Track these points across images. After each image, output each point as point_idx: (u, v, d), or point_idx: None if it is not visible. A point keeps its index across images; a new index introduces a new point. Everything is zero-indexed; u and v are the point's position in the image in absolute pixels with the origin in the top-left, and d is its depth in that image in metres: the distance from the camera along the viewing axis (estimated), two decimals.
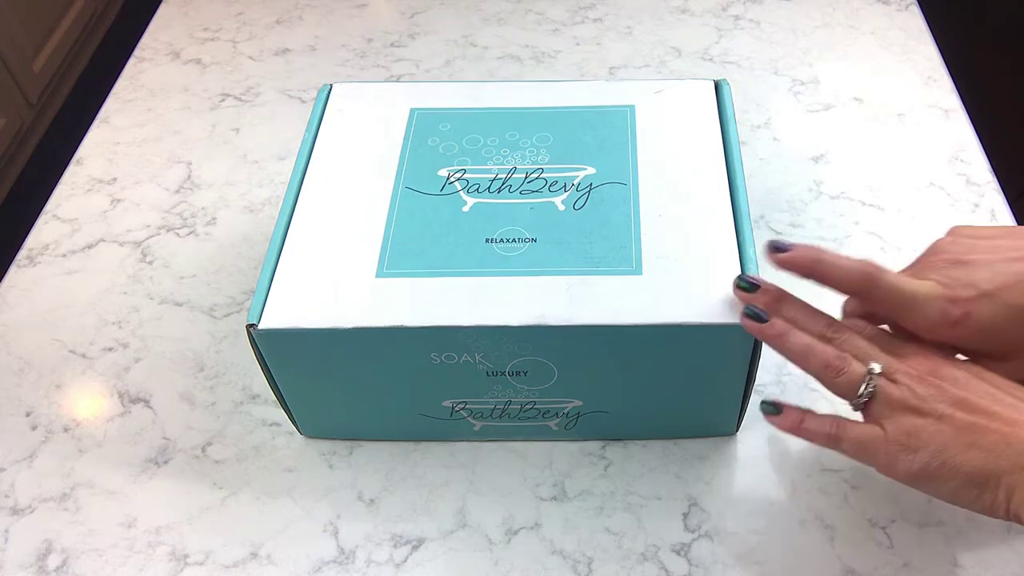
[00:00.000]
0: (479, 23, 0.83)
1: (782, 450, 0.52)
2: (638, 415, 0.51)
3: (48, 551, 0.50)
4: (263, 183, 0.70)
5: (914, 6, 0.82)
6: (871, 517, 0.49)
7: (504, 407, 0.50)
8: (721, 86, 0.55)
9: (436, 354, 0.46)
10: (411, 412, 0.51)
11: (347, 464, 0.53)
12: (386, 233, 0.49)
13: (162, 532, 0.51)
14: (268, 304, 0.46)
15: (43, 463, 0.54)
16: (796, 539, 0.49)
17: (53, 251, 0.66)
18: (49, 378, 0.58)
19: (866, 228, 0.63)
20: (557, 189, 0.50)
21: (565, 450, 0.53)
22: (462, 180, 0.51)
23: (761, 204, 0.65)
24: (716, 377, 0.48)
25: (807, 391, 0.55)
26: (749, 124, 0.72)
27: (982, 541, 0.48)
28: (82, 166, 0.73)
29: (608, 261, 0.47)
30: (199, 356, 0.59)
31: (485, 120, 0.54)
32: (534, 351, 0.46)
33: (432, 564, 0.49)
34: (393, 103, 0.56)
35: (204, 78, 0.80)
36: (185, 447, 0.54)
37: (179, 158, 0.73)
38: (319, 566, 0.49)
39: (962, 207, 0.64)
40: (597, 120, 0.54)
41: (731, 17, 0.82)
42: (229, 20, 0.86)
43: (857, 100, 0.73)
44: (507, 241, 0.48)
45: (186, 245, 0.66)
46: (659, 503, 0.51)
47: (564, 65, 0.78)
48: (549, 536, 0.50)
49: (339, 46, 0.82)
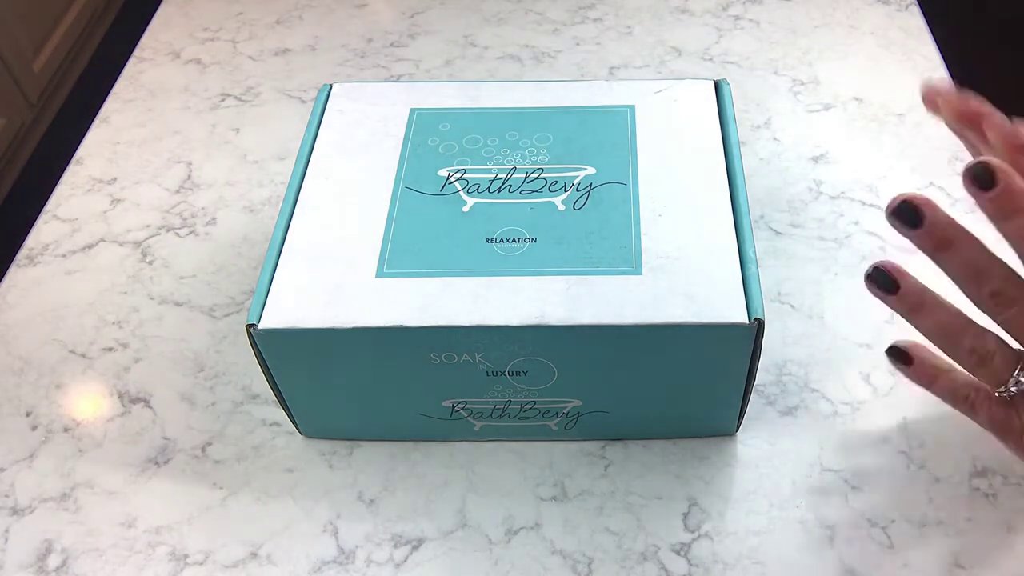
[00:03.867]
0: (479, 23, 0.83)
1: (782, 450, 0.52)
2: (638, 415, 0.51)
3: (48, 551, 0.50)
4: (263, 183, 0.70)
5: (914, 6, 0.82)
6: (871, 517, 0.49)
7: (504, 407, 0.50)
8: (721, 86, 0.55)
9: (436, 354, 0.46)
10: (411, 412, 0.51)
11: (347, 464, 0.53)
12: (386, 233, 0.49)
13: (162, 532, 0.51)
14: (268, 304, 0.46)
15: (43, 463, 0.54)
16: (796, 539, 0.49)
17: (53, 251, 0.66)
18: (49, 378, 0.58)
19: (866, 228, 0.63)
20: (557, 189, 0.50)
21: (565, 450, 0.53)
22: (462, 180, 0.51)
23: (761, 204, 0.65)
24: (716, 377, 0.48)
25: (807, 391, 0.55)
26: (749, 124, 0.72)
27: (982, 541, 0.48)
28: (82, 166, 0.73)
29: (608, 261, 0.47)
30: (199, 356, 0.59)
31: (485, 120, 0.54)
32: (534, 351, 0.46)
33: (432, 564, 0.49)
34: (393, 103, 0.56)
35: (204, 78, 0.80)
36: (185, 447, 0.54)
37: (179, 158, 0.73)
38: (319, 566, 0.49)
39: (962, 207, 0.64)
40: (597, 120, 0.54)
41: (731, 17, 0.82)
42: (229, 20, 0.86)
43: (857, 100, 0.73)
44: (507, 241, 0.48)
45: (186, 245, 0.66)
46: (659, 503, 0.51)
47: (564, 65, 0.78)
48: (549, 536, 0.50)
49: (339, 46, 0.82)
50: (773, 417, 0.54)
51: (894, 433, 0.53)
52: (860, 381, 0.55)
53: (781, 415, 0.54)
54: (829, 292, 0.60)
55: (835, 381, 0.55)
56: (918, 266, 0.41)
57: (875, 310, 0.58)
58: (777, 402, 0.54)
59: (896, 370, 0.45)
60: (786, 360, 0.56)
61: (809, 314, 0.59)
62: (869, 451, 0.52)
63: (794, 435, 0.53)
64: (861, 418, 0.53)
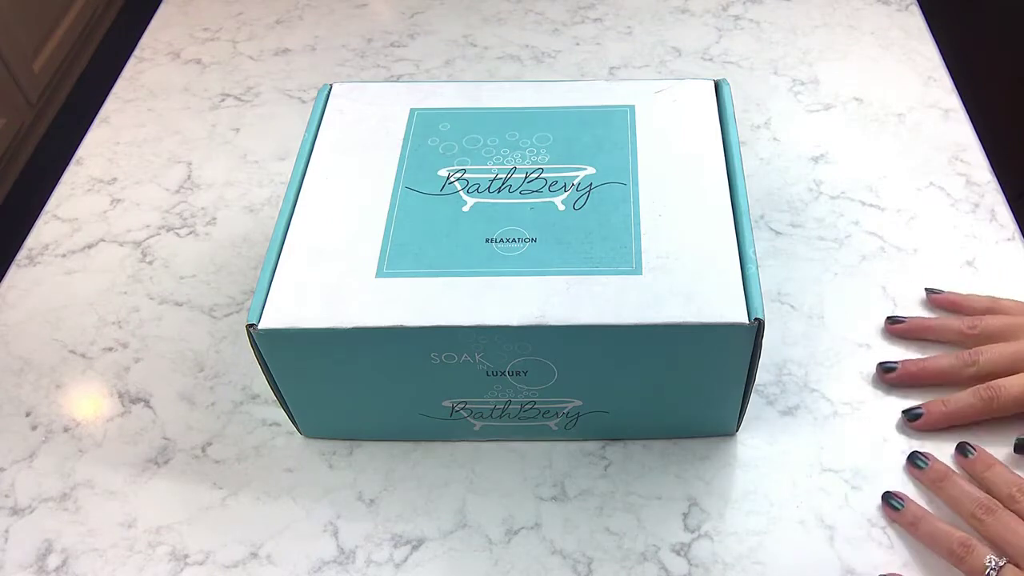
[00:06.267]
0: (479, 23, 0.83)
1: (782, 450, 0.52)
2: (638, 415, 0.51)
3: (48, 551, 0.50)
4: (263, 183, 0.70)
5: (914, 6, 0.82)
6: (871, 517, 0.49)
7: (504, 407, 0.50)
8: (721, 86, 0.55)
9: (436, 354, 0.46)
10: (411, 412, 0.51)
11: (347, 464, 0.53)
12: (386, 233, 0.49)
13: (162, 532, 0.51)
14: (268, 304, 0.46)
15: (43, 463, 0.54)
16: (796, 539, 0.49)
17: (53, 251, 0.66)
18: (49, 378, 0.58)
19: (866, 228, 0.63)
20: (557, 189, 0.50)
21: (565, 450, 0.53)
22: (462, 180, 0.51)
23: (761, 204, 0.65)
24: (716, 377, 0.48)
25: (807, 391, 0.55)
26: (749, 124, 0.72)
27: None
28: (82, 166, 0.73)
29: (608, 261, 0.47)
30: (199, 356, 0.59)
31: (485, 120, 0.54)
32: (534, 351, 0.46)
33: (432, 564, 0.49)
34: (393, 103, 0.56)
35: (204, 78, 0.80)
36: (185, 447, 0.54)
37: (179, 158, 0.73)
38: (319, 566, 0.49)
39: (962, 207, 0.64)
40: (597, 120, 0.54)
41: (731, 17, 0.82)
42: (229, 20, 0.86)
43: (857, 100, 0.73)
44: (507, 241, 0.48)
45: (186, 245, 0.66)
46: (659, 503, 0.51)
47: (564, 65, 0.78)
48: (549, 536, 0.50)
49: (339, 46, 0.82)
50: (773, 417, 0.54)
51: (894, 433, 0.53)
52: (860, 381, 0.55)
53: (781, 415, 0.54)
54: (829, 292, 0.60)
55: (835, 381, 0.55)
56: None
57: (875, 310, 0.58)
58: (777, 402, 0.54)
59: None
60: (786, 360, 0.56)
61: (809, 314, 0.59)
62: (869, 451, 0.52)
63: (794, 435, 0.53)
64: (861, 418, 0.53)
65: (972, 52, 1.31)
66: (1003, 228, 0.63)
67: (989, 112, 0.93)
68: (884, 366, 0.54)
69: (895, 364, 0.54)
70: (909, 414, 0.52)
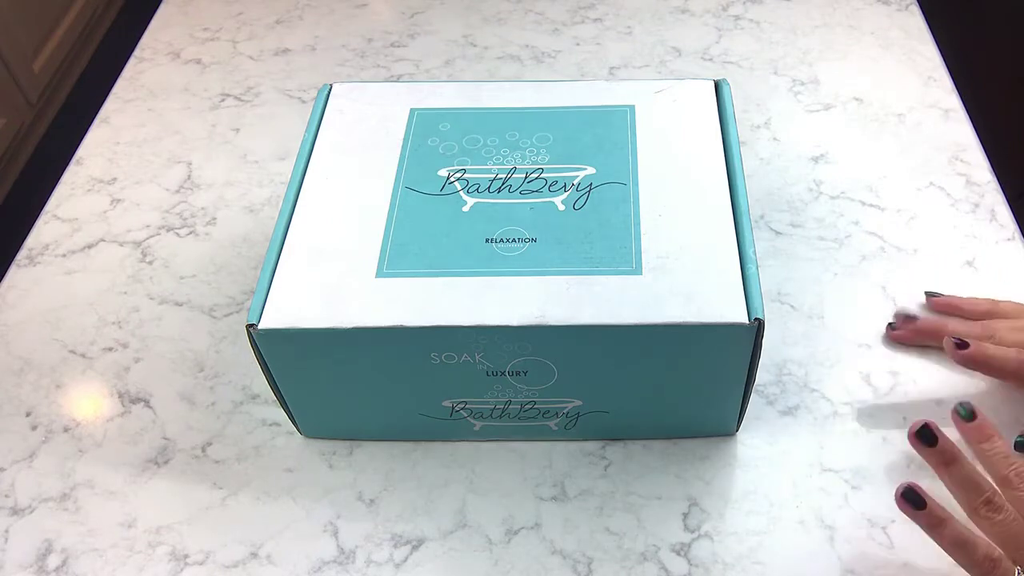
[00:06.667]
0: (479, 23, 0.83)
1: (782, 450, 0.52)
2: (638, 415, 0.51)
3: (48, 551, 0.50)
4: (263, 183, 0.70)
5: (914, 6, 0.82)
6: (871, 517, 0.49)
7: (504, 407, 0.50)
8: (721, 86, 0.55)
9: (436, 354, 0.46)
10: (411, 412, 0.51)
11: (347, 464, 0.53)
12: (386, 233, 0.49)
13: (162, 532, 0.51)
14: (268, 304, 0.46)
15: (43, 463, 0.54)
16: (796, 539, 0.49)
17: (53, 251, 0.66)
18: (49, 378, 0.58)
19: (866, 228, 0.63)
20: (557, 189, 0.50)
21: (565, 450, 0.53)
22: (462, 180, 0.51)
23: (761, 204, 0.65)
24: (716, 377, 0.48)
25: (807, 391, 0.55)
26: (749, 124, 0.72)
27: None
28: (82, 166, 0.73)
29: (608, 261, 0.47)
30: (199, 356, 0.59)
31: (485, 120, 0.54)
32: (534, 351, 0.46)
33: (432, 564, 0.49)
34: (393, 103, 0.56)
35: (204, 78, 0.80)
36: (185, 447, 0.54)
37: (179, 158, 0.73)
38: (319, 566, 0.49)
39: (962, 207, 0.64)
40: (597, 120, 0.54)
41: (731, 17, 0.82)
42: (229, 20, 0.86)
43: (857, 100, 0.73)
44: (507, 241, 0.48)
45: (186, 245, 0.66)
46: (659, 503, 0.51)
47: (564, 65, 0.78)
48: (549, 536, 0.50)
49: (339, 46, 0.82)
50: (773, 417, 0.54)
51: (894, 433, 0.53)
52: (860, 381, 0.55)
53: (781, 415, 0.54)
54: (829, 292, 0.60)
55: (835, 381, 0.55)
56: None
57: (875, 310, 0.58)
58: (777, 402, 0.55)
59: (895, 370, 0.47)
60: (786, 360, 0.56)
61: (809, 314, 0.59)
62: (869, 451, 0.52)
63: (794, 435, 0.53)
64: (861, 418, 0.53)
65: (972, 52, 1.31)
66: (1003, 228, 0.63)
67: (989, 112, 0.93)
68: (956, 342, 0.52)
69: (967, 341, 0.52)
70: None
